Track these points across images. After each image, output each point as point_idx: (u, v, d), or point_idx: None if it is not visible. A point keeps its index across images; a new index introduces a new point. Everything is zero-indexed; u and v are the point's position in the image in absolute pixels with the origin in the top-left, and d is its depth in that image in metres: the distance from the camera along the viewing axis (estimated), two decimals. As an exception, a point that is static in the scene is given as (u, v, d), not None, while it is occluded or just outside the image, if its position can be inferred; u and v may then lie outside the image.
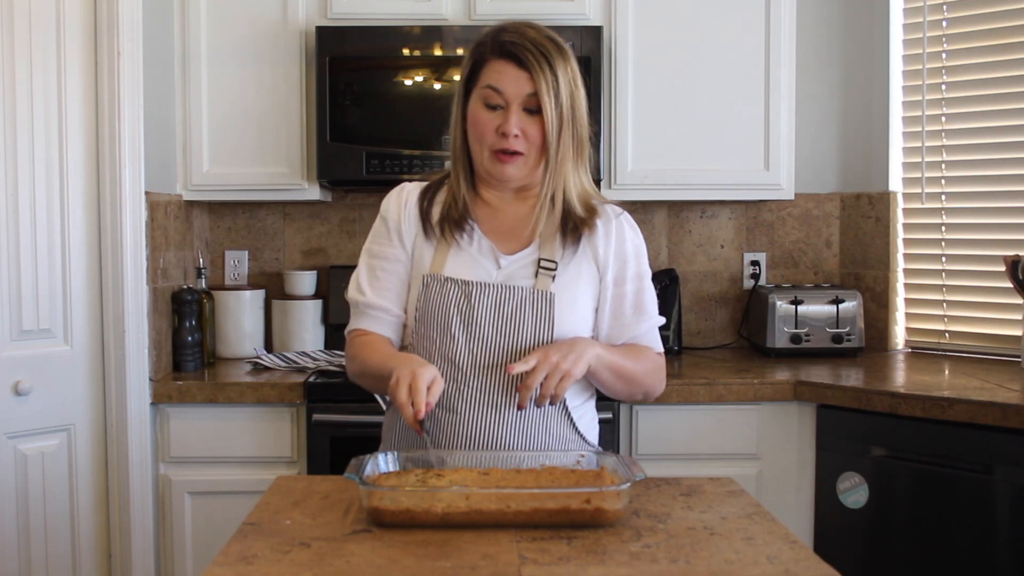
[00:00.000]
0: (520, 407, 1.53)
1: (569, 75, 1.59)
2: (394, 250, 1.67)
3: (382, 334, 1.67)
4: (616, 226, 1.67)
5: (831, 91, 3.22)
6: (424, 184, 1.72)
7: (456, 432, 1.59)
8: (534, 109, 1.57)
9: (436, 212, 1.67)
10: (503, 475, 1.41)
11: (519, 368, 1.49)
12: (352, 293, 1.71)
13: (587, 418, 1.71)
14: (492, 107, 1.58)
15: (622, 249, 1.67)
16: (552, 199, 1.62)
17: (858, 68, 3.17)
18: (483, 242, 1.64)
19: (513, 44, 1.56)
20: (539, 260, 1.62)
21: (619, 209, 1.71)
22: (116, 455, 2.43)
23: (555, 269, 1.61)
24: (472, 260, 1.63)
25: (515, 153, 1.59)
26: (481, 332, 1.59)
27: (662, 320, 1.73)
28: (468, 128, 1.63)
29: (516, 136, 1.57)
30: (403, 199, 1.70)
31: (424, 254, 1.65)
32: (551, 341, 1.58)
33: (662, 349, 1.73)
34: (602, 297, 1.66)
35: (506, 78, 1.56)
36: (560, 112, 1.57)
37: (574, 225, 1.63)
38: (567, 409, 1.63)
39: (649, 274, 1.71)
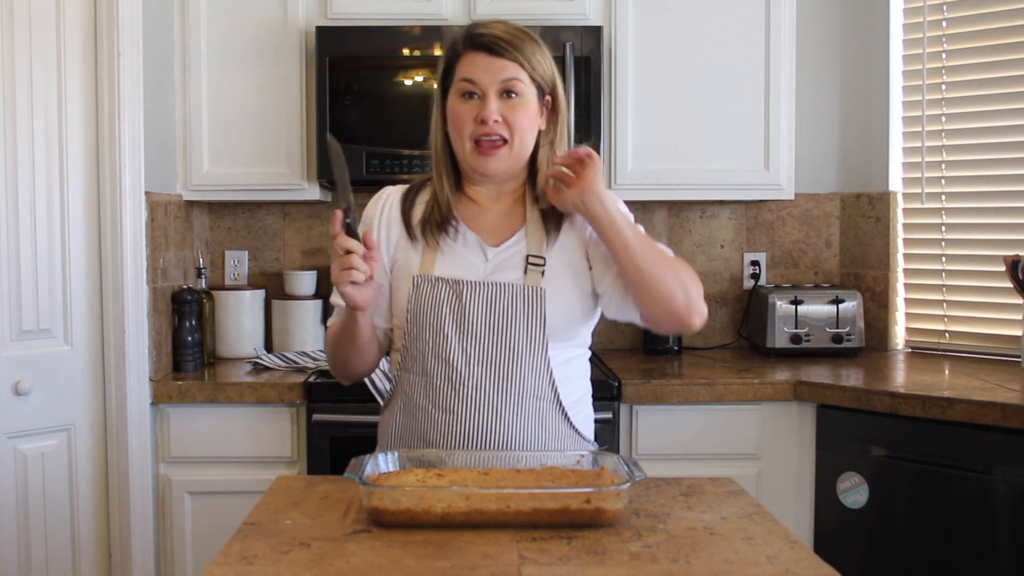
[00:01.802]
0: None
1: (547, 63, 1.62)
2: None
3: None
4: None
5: (831, 91, 3.22)
6: (406, 188, 1.73)
7: (453, 432, 1.59)
8: (512, 94, 1.58)
9: (418, 212, 1.67)
10: (503, 475, 1.41)
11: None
12: (333, 294, 1.73)
13: (583, 415, 1.70)
14: (470, 99, 1.59)
15: None
16: (539, 182, 1.65)
17: (858, 68, 3.17)
18: (468, 235, 1.65)
19: (482, 36, 1.59)
20: (527, 256, 1.62)
21: None
22: (116, 455, 2.43)
23: (543, 264, 1.61)
24: (460, 256, 1.63)
25: (497, 144, 1.59)
26: (473, 330, 1.59)
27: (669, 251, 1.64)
28: (448, 125, 1.63)
29: (496, 121, 1.58)
30: (381, 204, 1.71)
31: (411, 256, 1.65)
32: (543, 336, 1.59)
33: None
34: (593, 259, 1.63)
35: (479, 68, 1.58)
36: (541, 89, 1.61)
37: (555, 212, 1.64)
38: (562, 406, 1.63)
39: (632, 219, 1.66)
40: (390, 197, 1.72)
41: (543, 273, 1.61)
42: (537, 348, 1.59)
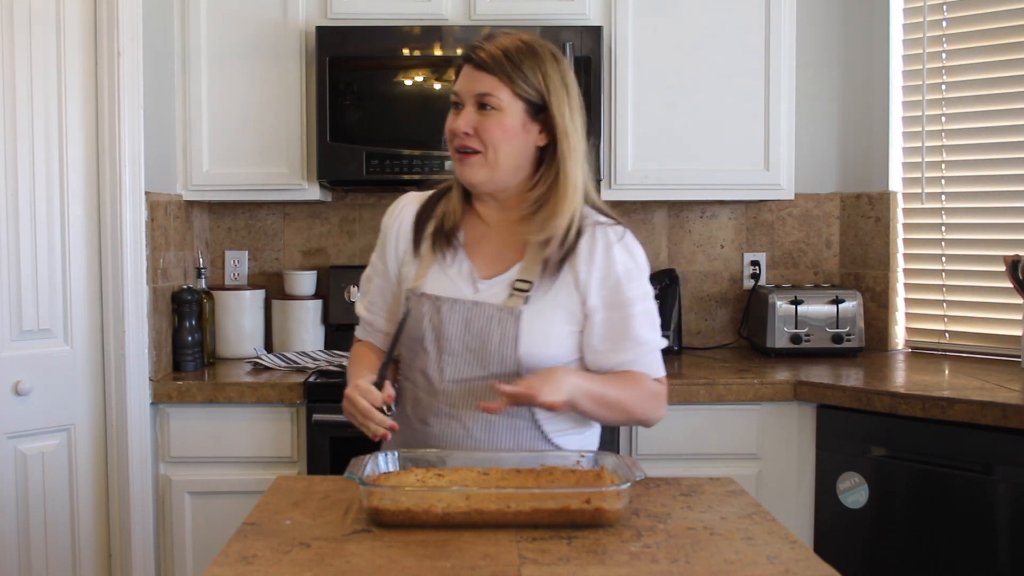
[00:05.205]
0: (485, 410, 1.51)
1: (538, 80, 1.57)
2: (382, 264, 1.73)
3: (372, 343, 1.77)
4: (605, 250, 1.59)
5: (831, 91, 3.22)
6: (427, 196, 1.72)
7: (428, 443, 1.63)
8: (487, 107, 1.56)
9: (431, 226, 1.67)
10: (503, 475, 1.41)
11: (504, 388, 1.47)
12: (358, 304, 1.79)
13: (569, 433, 1.65)
14: (456, 109, 1.61)
15: (609, 275, 1.59)
16: (541, 215, 1.59)
17: (858, 68, 3.17)
18: (464, 264, 1.64)
19: (474, 49, 1.59)
20: (514, 281, 1.60)
21: (620, 232, 1.61)
22: (116, 455, 2.43)
23: (528, 290, 1.58)
24: (450, 281, 1.63)
25: (469, 155, 1.58)
26: (449, 347, 1.60)
27: (663, 343, 1.64)
28: None
29: (467, 134, 1.57)
30: (397, 213, 1.72)
31: (410, 271, 1.67)
32: (515, 355, 1.56)
33: (662, 374, 1.64)
34: (586, 323, 1.61)
35: (463, 79, 1.60)
36: (525, 108, 1.57)
37: (556, 246, 1.58)
38: (538, 424, 1.60)
39: (646, 297, 1.62)
40: (406, 208, 1.72)
41: (527, 299, 1.58)
42: (509, 367, 1.57)
